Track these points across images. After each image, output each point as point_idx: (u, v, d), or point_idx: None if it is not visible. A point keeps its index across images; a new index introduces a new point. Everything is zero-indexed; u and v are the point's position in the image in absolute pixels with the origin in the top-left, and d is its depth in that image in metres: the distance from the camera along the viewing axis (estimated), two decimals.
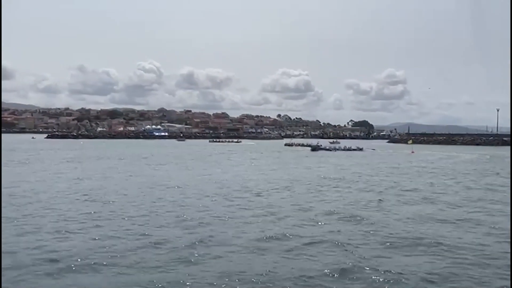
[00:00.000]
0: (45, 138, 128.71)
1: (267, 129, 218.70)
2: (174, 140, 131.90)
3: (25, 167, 35.31)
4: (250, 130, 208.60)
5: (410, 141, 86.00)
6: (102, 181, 25.77)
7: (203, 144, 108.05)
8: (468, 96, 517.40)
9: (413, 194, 21.73)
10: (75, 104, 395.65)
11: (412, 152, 68.67)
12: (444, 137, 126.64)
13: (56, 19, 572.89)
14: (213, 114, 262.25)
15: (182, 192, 21.27)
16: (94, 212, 15.69)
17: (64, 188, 22.29)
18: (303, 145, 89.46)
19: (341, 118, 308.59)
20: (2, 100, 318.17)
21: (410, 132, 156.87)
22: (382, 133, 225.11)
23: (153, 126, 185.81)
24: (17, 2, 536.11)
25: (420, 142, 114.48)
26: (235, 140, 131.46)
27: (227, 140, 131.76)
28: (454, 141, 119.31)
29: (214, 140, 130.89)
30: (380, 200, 19.53)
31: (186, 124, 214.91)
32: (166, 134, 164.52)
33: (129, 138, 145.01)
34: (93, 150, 67.77)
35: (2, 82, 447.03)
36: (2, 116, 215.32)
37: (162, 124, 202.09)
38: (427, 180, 28.99)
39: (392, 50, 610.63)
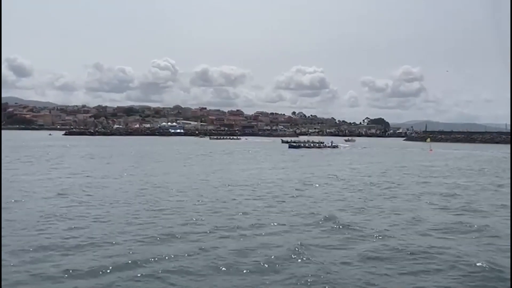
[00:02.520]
0: (63, 135, 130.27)
1: (282, 127, 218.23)
2: (192, 137, 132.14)
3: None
4: (265, 128, 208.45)
5: (428, 139, 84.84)
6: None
7: (224, 141, 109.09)
8: (487, 93, 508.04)
9: None
10: (92, 101, 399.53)
11: (431, 150, 67.52)
12: (463, 135, 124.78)
13: (72, 17, 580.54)
14: (228, 112, 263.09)
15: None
16: None
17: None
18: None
19: (357, 115, 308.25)
20: (22, 97, 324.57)
21: (427, 130, 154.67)
22: (398, 131, 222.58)
23: (169, 123, 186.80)
24: (35, 1, 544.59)
25: (438, 140, 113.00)
26: (235, 137, 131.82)
27: (227, 137, 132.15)
28: (473, 139, 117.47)
29: (216, 137, 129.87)
30: None
31: (201, 122, 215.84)
32: (182, 131, 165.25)
33: (145, 135, 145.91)
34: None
35: (21, 79, 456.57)
36: (21, 113, 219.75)
37: (178, 121, 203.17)
38: None
39: (409, 46, 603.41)
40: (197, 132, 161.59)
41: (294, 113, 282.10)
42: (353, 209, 16.17)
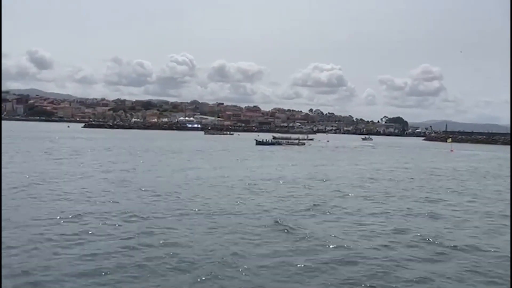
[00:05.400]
0: (82, 127, 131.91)
1: (299, 124, 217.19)
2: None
3: None
4: (282, 124, 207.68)
5: (450, 140, 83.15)
6: None
7: (217, 137, 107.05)
8: (508, 94, 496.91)
9: None
10: (110, 94, 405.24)
11: (452, 150, 66.61)
12: (484, 136, 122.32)
13: (92, 11, 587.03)
14: (245, 107, 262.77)
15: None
16: None
17: None
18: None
19: (374, 114, 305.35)
20: (42, 89, 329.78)
21: (447, 130, 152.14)
22: (417, 130, 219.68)
23: (186, 118, 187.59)
24: None
25: (458, 141, 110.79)
26: (228, 132, 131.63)
27: (223, 132, 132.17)
28: (494, 140, 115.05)
29: (212, 133, 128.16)
30: None
31: (218, 117, 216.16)
32: (199, 126, 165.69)
33: (162, 129, 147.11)
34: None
35: (42, 72, 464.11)
36: (42, 105, 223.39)
37: (195, 116, 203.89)
38: None
39: (428, 45, 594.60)
40: (209, 127, 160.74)
41: (311, 110, 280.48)
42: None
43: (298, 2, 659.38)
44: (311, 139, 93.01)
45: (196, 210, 15.01)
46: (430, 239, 12.06)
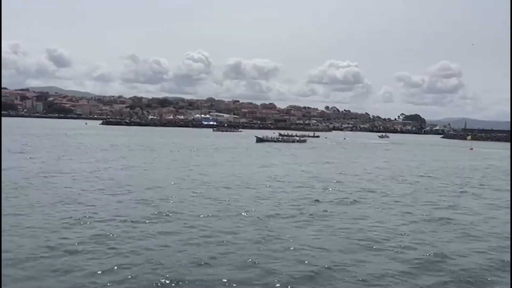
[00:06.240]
0: (100, 124, 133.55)
1: (315, 121, 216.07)
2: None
3: None
4: (297, 122, 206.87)
5: (469, 137, 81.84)
6: None
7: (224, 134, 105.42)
8: None
9: None
10: (127, 92, 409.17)
11: (471, 149, 65.49)
12: (504, 134, 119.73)
13: (108, 9, 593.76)
14: (261, 105, 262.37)
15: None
16: None
17: None
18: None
19: (391, 111, 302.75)
20: (61, 87, 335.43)
21: (466, 127, 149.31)
22: (435, 128, 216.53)
23: (202, 116, 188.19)
24: None
25: (477, 139, 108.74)
26: (237, 129, 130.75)
27: (231, 129, 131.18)
28: None
29: (221, 130, 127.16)
30: None
31: (234, 114, 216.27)
32: (215, 123, 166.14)
33: (178, 126, 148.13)
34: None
35: (61, 70, 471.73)
36: (61, 102, 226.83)
37: (211, 113, 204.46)
38: None
39: (447, 42, 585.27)
40: (225, 124, 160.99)
41: (327, 107, 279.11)
42: None
43: None
44: (317, 136, 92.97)
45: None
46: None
